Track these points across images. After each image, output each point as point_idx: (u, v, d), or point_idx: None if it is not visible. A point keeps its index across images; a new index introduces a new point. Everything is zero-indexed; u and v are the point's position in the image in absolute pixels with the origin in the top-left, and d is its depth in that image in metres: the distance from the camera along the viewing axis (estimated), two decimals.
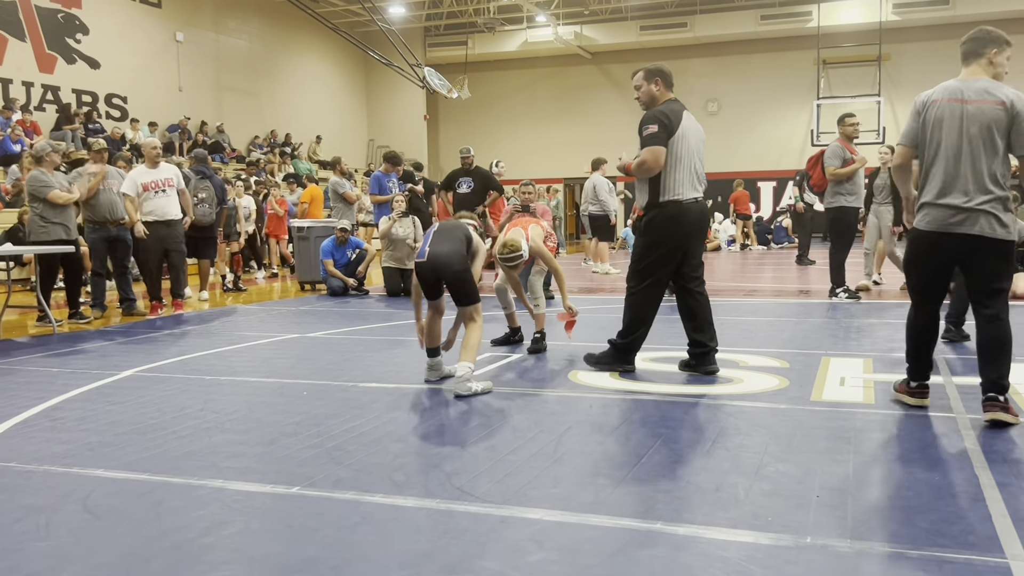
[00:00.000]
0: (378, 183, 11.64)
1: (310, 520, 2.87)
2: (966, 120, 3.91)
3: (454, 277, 4.97)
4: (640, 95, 5.25)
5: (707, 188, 10.19)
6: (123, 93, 19.94)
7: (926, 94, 4.11)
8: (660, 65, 5.28)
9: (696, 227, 5.20)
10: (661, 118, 5.02)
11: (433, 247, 5.01)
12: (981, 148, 3.88)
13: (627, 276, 5.38)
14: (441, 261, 4.95)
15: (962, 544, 2.55)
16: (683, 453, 3.55)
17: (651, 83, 5.22)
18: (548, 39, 26.72)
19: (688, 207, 5.09)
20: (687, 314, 5.29)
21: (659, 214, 5.09)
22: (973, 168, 3.89)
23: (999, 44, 4.05)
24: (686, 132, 5.07)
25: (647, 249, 5.19)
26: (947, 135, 3.95)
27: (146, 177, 9.00)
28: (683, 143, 5.04)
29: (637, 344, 5.35)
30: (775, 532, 2.67)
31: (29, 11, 17.79)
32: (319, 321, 8.38)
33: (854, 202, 8.86)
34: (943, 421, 4.01)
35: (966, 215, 3.88)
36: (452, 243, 5.03)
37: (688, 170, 5.08)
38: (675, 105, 5.16)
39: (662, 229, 5.10)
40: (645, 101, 5.24)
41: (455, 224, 5.26)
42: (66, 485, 3.30)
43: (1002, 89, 3.93)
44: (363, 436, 3.92)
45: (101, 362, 6.20)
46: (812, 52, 24.79)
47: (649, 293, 5.24)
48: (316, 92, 26.49)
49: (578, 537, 2.68)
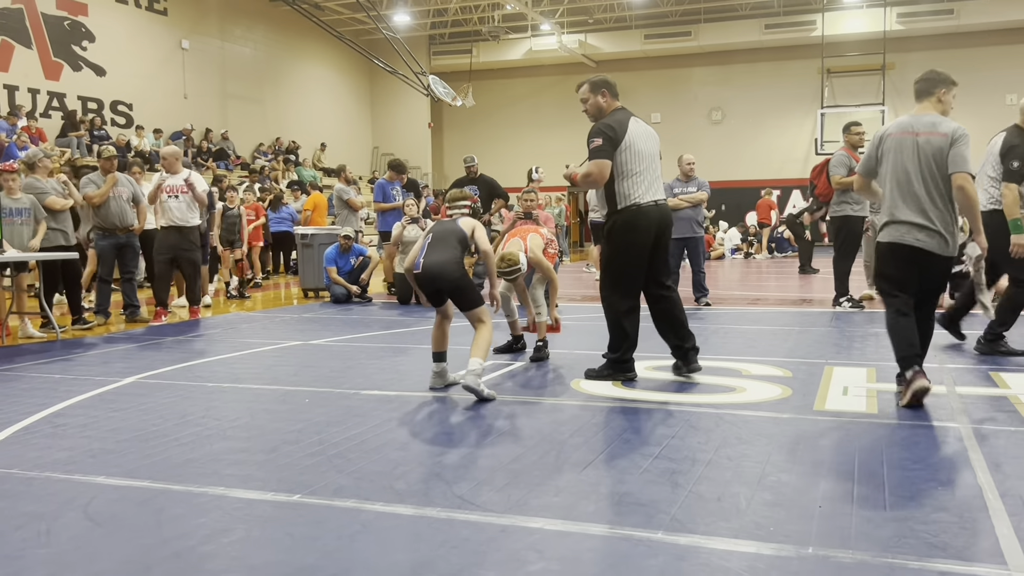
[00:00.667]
0: (382, 191, 11.65)
1: (311, 528, 2.86)
2: (918, 150, 4.55)
3: (452, 286, 4.99)
4: (587, 107, 5.32)
5: (711, 196, 10.29)
6: (129, 100, 20.01)
7: (882, 129, 4.81)
8: (604, 76, 5.38)
9: (658, 228, 5.23)
10: (606, 131, 5.10)
11: (428, 257, 5.01)
12: (928, 174, 4.51)
13: (599, 286, 5.45)
14: (435, 272, 4.97)
15: (965, 555, 2.54)
16: (685, 462, 3.54)
17: (597, 95, 5.28)
18: (552, 48, 26.79)
19: (647, 210, 5.16)
20: (660, 318, 5.37)
21: (619, 219, 5.18)
22: (925, 190, 4.50)
23: (947, 84, 4.74)
24: (634, 139, 5.14)
25: (612, 255, 5.27)
26: (896, 163, 4.60)
27: (166, 182, 9.06)
28: (631, 150, 5.12)
29: (629, 352, 5.35)
30: (777, 542, 2.66)
31: (35, 18, 17.88)
32: (322, 328, 8.39)
33: (860, 211, 8.86)
34: (946, 431, 4.00)
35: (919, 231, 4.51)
36: (447, 250, 5.03)
37: (641, 174, 5.15)
38: (620, 114, 5.21)
39: (623, 234, 5.17)
40: (593, 113, 5.31)
41: (449, 228, 5.20)
42: (67, 492, 3.30)
43: (946, 123, 4.57)
44: (364, 444, 3.92)
45: (104, 368, 6.21)
46: (816, 61, 24.81)
47: (621, 299, 5.26)
48: (321, 100, 26.56)
49: (579, 547, 2.67)
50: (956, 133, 4.50)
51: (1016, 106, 6.21)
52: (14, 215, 7.94)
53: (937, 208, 4.48)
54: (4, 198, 7.91)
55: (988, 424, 4.11)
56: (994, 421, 4.17)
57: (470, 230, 5.20)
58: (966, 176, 4.42)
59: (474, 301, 5.03)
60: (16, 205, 7.97)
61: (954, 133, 4.50)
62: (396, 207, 11.39)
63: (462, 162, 11.43)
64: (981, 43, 23.95)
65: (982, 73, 24.22)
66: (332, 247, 11.09)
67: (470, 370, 4.81)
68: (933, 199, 4.48)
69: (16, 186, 8.04)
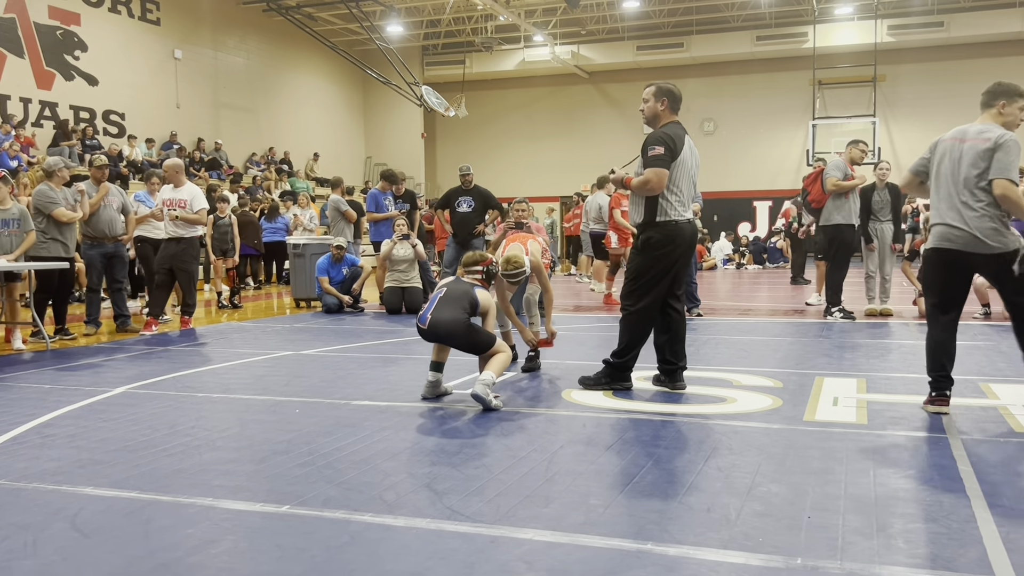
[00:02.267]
0: (375, 201, 11.65)
1: (299, 539, 2.85)
2: (962, 155, 4.48)
3: (461, 342, 5.07)
4: (645, 108, 5.32)
5: (704, 207, 10.32)
6: (121, 110, 19.99)
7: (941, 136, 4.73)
8: (672, 87, 5.34)
9: (689, 246, 5.30)
10: (668, 141, 5.09)
11: (435, 313, 5.05)
12: (964, 177, 4.44)
13: (622, 295, 5.42)
14: (443, 331, 5.03)
15: (952, 565, 2.54)
16: (675, 473, 3.54)
17: (658, 101, 5.27)
18: (545, 58, 26.87)
19: (683, 227, 5.20)
20: (663, 330, 5.38)
21: (657, 234, 5.17)
22: (960, 193, 4.44)
23: (1008, 96, 4.59)
24: (685, 157, 5.18)
25: (644, 268, 5.24)
26: (941, 168, 4.57)
27: (167, 195, 9.12)
28: (682, 167, 5.15)
29: (632, 362, 5.38)
30: (766, 553, 2.66)
31: (28, 28, 17.87)
32: (313, 338, 8.37)
33: (849, 219, 8.93)
34: (935, 442, 4.01)
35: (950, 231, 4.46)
36: (456, 310, 5.05)
37: (684, 193, 5.19)
38: (678, 129, 5.23)
39: (660, 248, 5.17)
40: (648, 116, 5.32)
41: (464, 290, 5.20)
42: (55, 503, 3.28)
43: (995, 130, 4.47)
44: (354, 454, 3.91)
45: (94, 379, 6.18)
46: (808, 73, 24.93)
47: (646, 311, 5.27)
48: (314, 110, 26.58)
49: (568, 558, 2.66)
50: (1001, 139, 4.40)
51: None
52: (0, 226, 7.93)
53: (972, 210, 4.39)
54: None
55: (977, 435, 4.13)
56: (983, 432, 4.19)
57: (485, 306, 5.22)
58: (1005, 183, 4.33)
59: (486, 344, 5.10)
60: (4, 216, 7.94)
61: (999, 139, 4.40)
62: (389, 217, 11.38)
63: (457, 171, 11.42)
64: (971, 55, 24.10)
65: (972, 85, 24.13)
66: (324, 257, 11.08)
67: (481, 380, 4.84)
68: (967, 202, 4.41)
69: (4, 195, 8.01)
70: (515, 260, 5.81)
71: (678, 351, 5.36)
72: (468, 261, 5.50)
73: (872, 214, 9.37)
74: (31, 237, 8.07)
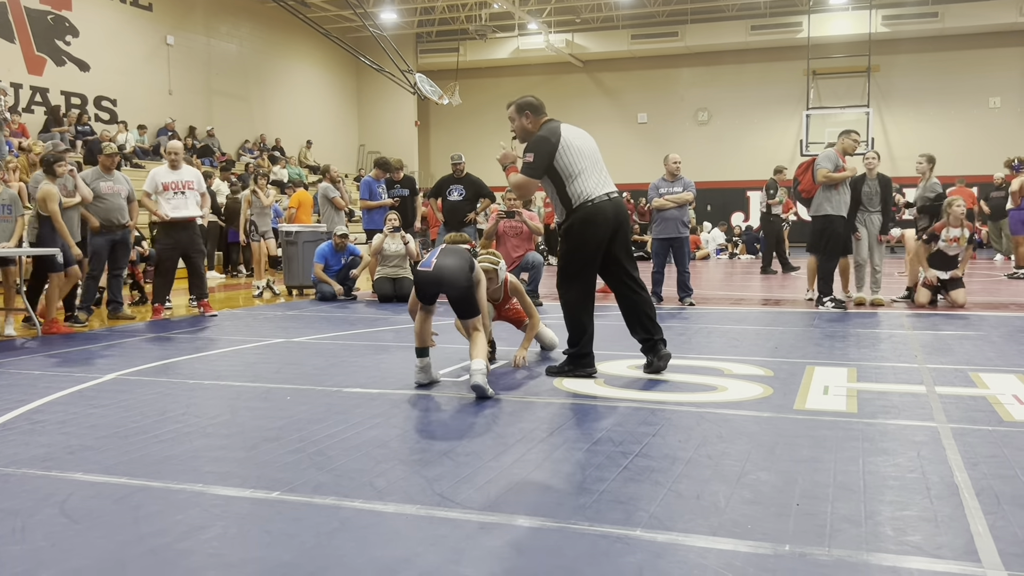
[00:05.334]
0: (368, 188, 11.61)
1: (288, 525, 2.85)
2: None
3: (459, 293, 5.08)
4: (514, 129, 5.45)
5: (698, 196, 10.32)
6: (112, 96, 19.88)
7: None
8: (527, 99, 5.47)
9: (615, 222, 5.29)
10: (541, 145, 5.21)
11: (440, 259, 5.10)
12: None
13: (556, 283, 5.49)
14: (447, 274, 5.04)
15: (939, 553, 2.56)
16: (665, 460, 3.55)
17: (522, 117, 5.41)
18: (540, 47, 26.80)
19: (601, 205, 5.23)
20: (628, 311, 5.44)
21: (575, 217, 5.23)
22: None
23: None
24: (570, 141, 5.25)
25: (570, 253, 5.33)
26: None
27: (167, 177, 8.96)
28: (570, 152, 5.23)
29: (588, 347, 5.40)
30: (755, 540, 2.67)
31: (19, 12, 17.73)
32: (306, 326, 8.36)
33: (839, 210, 8.94)
34: (924, 431, 4.02)
35: None
36: (459, 260, 5.12)
37: (587, 171, 5.24)
38: (550, 124, 5.33)
39: (581, 231, 5.24)
40: (521, 135, 5.43)
41: (461, 250, 5.29)
42: (44, 489, 3.28)
43: None
44: (345, 441, 3.91)
45: (84, 365, 6.16)
46: (802, 63, 24.92)
47: (580, 295, 5.34)
48: (307, 97, 26.47)
49: (558, 544, 2.67)
50: None
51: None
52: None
53: None
54: None
55: (966, 424, 4.14)
56: (972, 421, 4.20)
57: (478, 275, 5.26)
58: None
59: (474, 310, 5.13)
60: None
61: None
62: (382, 205, 11.36)
63: (449, 160, 11.39)
64: (965, 46, 24.12)
65: (966, 76, 24.41)
66: (326, 244, 11.01)
67: (476, 370, 4.84)
68: None
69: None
70: (495, 254, 5.86)
71: (648, 325, 5.40)
72: (454, 240, 5.51)
73: (861, 204, 9.39)
74: (21, 223, 8.03)
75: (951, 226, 9.29)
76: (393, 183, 11.82)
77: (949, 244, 9.25)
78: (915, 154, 10.86)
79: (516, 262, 9.91)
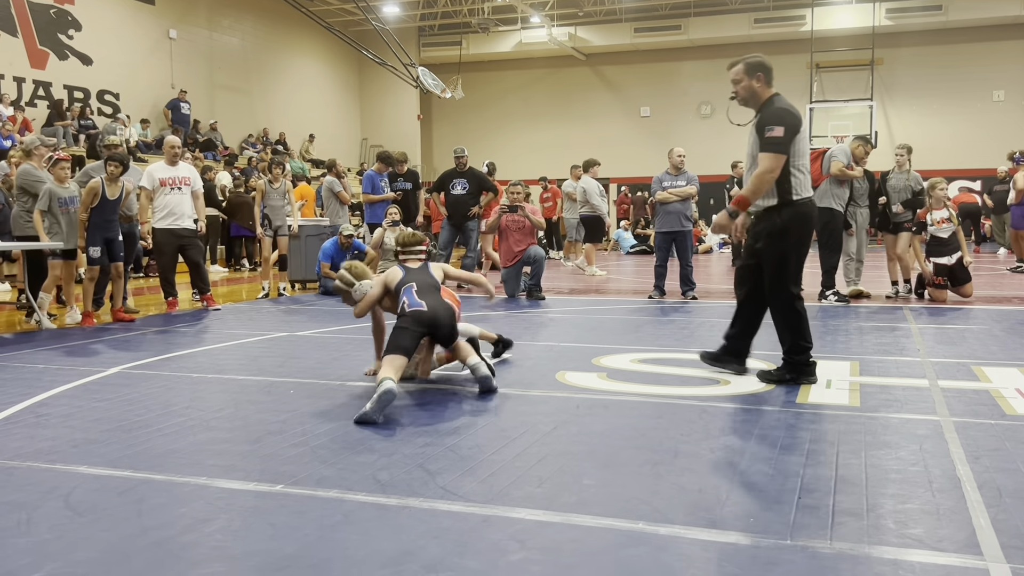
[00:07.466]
0: (371, 182, 11.62)
1: (292, 518, 2.86)
2: None
3: (449, 332, 4.88)
4: (739, 90, 4.89)
5: (700, 191, 10.32)
6: (115, 90, 19.86)
7: None
8: (760, 59, 4.90)
9: None
10: (788, 118, 4.71)
11: (428, 302, 4.80)
12: None
13: (779, 287, 4.92)
14: (441, 318, 4.79)
15: (941, 546, 2.56)
16: (667, 454, 3.56)
17: (752, 78, 4.86)
18: (542, 40, 26.74)
19: (814, 206, 4.98)
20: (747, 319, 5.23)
21: (794, 213, 4.78)
22: None
23: None
24: (805, 129, 4.82)
25: (792, 250, 4.83)
26: None
27: (164, 173, 8.96)
28: (805, 141, 4.79)
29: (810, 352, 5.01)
30: (756, 533, 2.67)
31: (21, 6, 17.72)
32: (309, 320, 8.37)
33: (841, 205, 9.03)
34: (927, 424, 4.03)
35: None
36: (439, 298, 4.89)
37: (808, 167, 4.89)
38: (783, 99, 4.86)
39: (801, 228, 4.83)
40: (743, 97, 4.91)
41: (425, 279, 4.99)
42: (49, 481, 3.29)
43: None
44: (348, 435, 3.92)
45: (89, 359, 6.18)
46: (805, 56, 24.84)
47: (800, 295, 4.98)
48: (309, 91, 26.44)
49: (560, 537, 2.68)
50: None
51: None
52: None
53: None
54: None
55: (968, 417, 4.15)
56: (975, 414, 4.20)
57: (441, 276, 5.14)
58: None
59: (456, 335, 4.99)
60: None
61: None
62: (385, 199, 11.36)
63: (452, 154, 11.39)
64: (969, 39, 24.04)
65: (970, 69, 24.34)
66: (330, 241, 10.99)
67: (477, 364, 4.81)
68: None
69: None
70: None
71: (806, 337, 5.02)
72: (409, 241, 5.18)
73: (852, 200, 9.41)
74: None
75: (935, 209, 9.30)
76: (396, 176, 11.83)
77: (939, 227, 9.25)
78: (919, 148, 10.86)
79: (518, 256, 9.93)
